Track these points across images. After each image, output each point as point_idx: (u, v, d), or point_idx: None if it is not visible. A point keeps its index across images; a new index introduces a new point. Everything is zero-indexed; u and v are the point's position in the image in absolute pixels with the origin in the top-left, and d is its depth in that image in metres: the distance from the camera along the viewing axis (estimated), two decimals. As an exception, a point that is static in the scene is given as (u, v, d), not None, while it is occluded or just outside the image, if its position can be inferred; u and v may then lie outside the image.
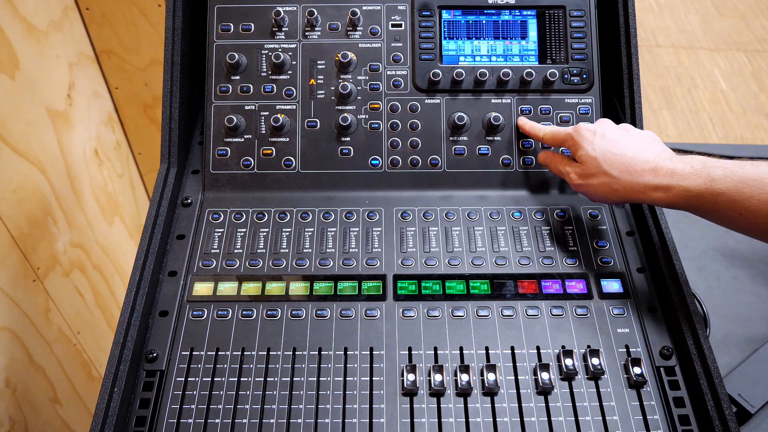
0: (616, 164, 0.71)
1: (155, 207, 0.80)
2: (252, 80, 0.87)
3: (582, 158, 0.74)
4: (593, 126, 0.76)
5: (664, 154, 0.71)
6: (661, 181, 0.68)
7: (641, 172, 0.69)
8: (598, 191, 0.73)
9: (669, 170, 0.68)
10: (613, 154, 0.72)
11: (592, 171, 0.73)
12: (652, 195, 0.69)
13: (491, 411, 0.66)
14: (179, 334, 0.72)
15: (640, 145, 0.72)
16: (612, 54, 0.90)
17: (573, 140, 0.77)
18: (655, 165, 0.69)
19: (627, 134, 0.74)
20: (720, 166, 0.65)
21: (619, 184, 0.71)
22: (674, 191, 0.67)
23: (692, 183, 0.66)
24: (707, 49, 2.89)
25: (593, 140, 0.74)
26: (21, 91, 1.05)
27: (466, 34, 0.88)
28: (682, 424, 0.66)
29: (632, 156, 0.71)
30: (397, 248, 0.80)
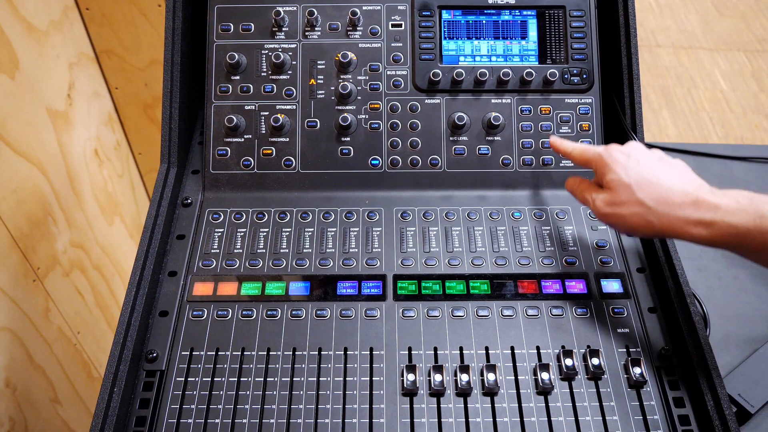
0: (652, 193, 0.64)
1: (155, 207, 0.80)
2: (252, 80, 0.87)
3: (612, 183, 0.67)
4: (626, 148, 0.70)
5: (705, 186, 0.65)
6: (704, 215, 0.61)
7: (681, 205, 0.63)
8: (628, 222, 0.66)
9: (712, 204, 0.61)
10: (649, 182, 0.65)
11: (623, 199, 0.66)
12: (691, 231, 0.62)
13: (491, 411, 0.66)
14: (179, 334, 0.72)
15: (678, 175, 0.66)
16: (612, 54, 0.90)
17: (603, 162, 0.69)
18: (696, 197, 0.62)
19: (662, 162, 0.68)
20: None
21: (655, 215, 0.64)
22: (718, 227, 0.60)
23: (739, 219, 0.60)
24: (707, 49, 2.89)
25: (627, 164, 0.67)
26: (21, 91, 1.05)
27: (466, 34, 0.88)
28: (682, 424, 0.66)
29: (670, 186, 0.64)
30: (397, 248, 0.80)
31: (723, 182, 1.15)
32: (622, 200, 0.66)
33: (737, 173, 1.17)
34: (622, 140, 0.89)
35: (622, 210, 0.66)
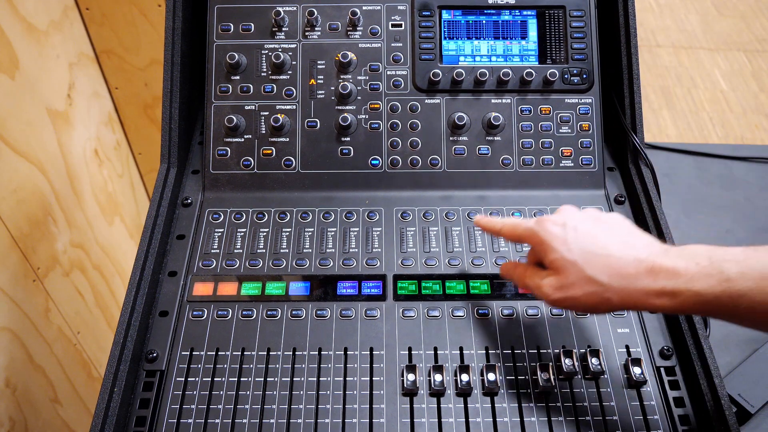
0: (603, 267, 0.57)
1: (155, 207, 0.80)
2: (252, 80, 0.87)
3: (556, 264, 0.59)
4: (560, 218, 0.62)
5: (654, 246, 0.58)
6: (664, 285, 0.55)
7: (636, 276, 0.56)
8: (585, 303, 0.58)
9: (670, 270, 0.55)
10: (595, 254, 0.58)
11: (572, 279, 0.58)
12: (654, 302, 0.55)
13: (491, 411, 0.66)
14: (179, 334, 0.72)
15: (623, 239, 0.59)
16: (612, 54, 0.90)
17: (538, 238, 0.61)
18: (651, 265, 0.56)
19: (601, 224, 0.61)
20: (732, 260, 0.53)
21: (612, 292, 0.56)
22: (682, 297, 0.54)
23: (703, 285, 0.53)
24: (707, 49, 2.89)
25: (566, 237, 0.59)
26: (21, 91, 1.05)
27: (466, 34, 0.88)
28: (682, 424, 0.66)
29: (620, 255, 0.57)
30: (397, 248, 0.80)
31: (723, 182, 1.15)
32: (572, 281, 0.58)
33: (737, 173, 1.17)
34: (623, 140, 0.89)
35: (575, 292, 0.58)
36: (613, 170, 0.89)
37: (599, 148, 0.87)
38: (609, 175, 0.89)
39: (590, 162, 0.86)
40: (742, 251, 0.54)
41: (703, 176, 1.17)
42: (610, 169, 0.89)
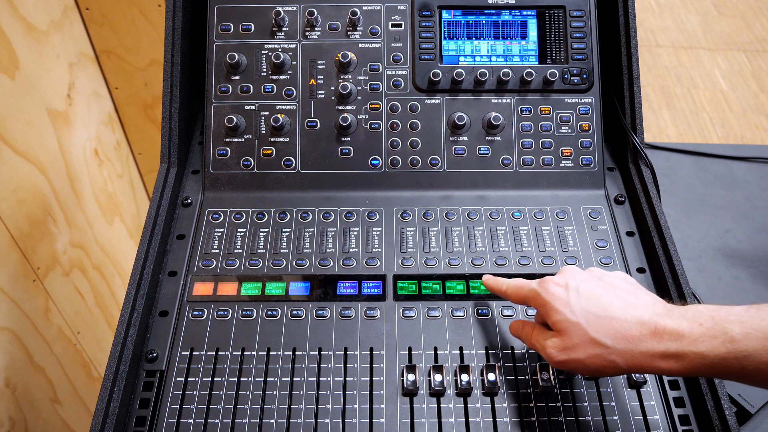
0: (607, 329, 0.56)
1: (155, 207, 0.80)
2: (252, 80, 0.87)
3: (559, 325, 0.59)
4: (562, 279, 0.61)
5: (657, 307, 0.57)
6: (669, 347, 0.54)
7: (640, 338, 0.55)
8: (589, 366, 0.57)
9: (674, 332, 0.54)
10: (599, 316, 0.57)
11: (576, 341, 0.57)
12: (660, 365, 0.55)
13: (491, 411, 0.66)
14: (179, 334, 0.72)
15: (626, 300, 0.58)
16: (612, 54, 0.90)
17: (542, 300, 0.61)
18: (654, 327, 0.55)
19: (604, 285, 0.60)
20: (735, 320, 0.53)
21: (617, 354, 0.56)
22: (688, 359, 0.53)
23: (708, 347, 0.52)
24: (707, 49, 2.89)
25: (568, 299, 0.59)
26: (21, 91, 1.05)
27: (466, 34, 0.88)
28: (682, 424, 0.66)
29: (623, 317, 0.56)
30: (397, 248, 0.80)
31: (723, 182, 1.15)
32: (575, 343, 0.57)
33: (737, 173, 1.17)
34: (623, 140, 0.89)
35: (578, 354, 0.57)
36: (613, 170, 0.89)
37: (599, 148, 0.87)
38: (609, 175, 0.89)
39: (590, 162, 0.87)
40: (745, 310, 0.53)
41: (703, 176, 1.17)
42: (610, 169, 0.89)
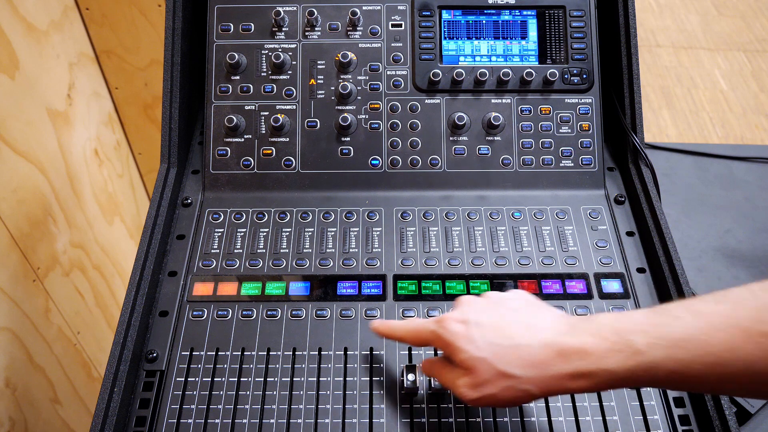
0: (514, 359, 0.54)
1: (155, 207, 0.80)
2: (252, 80, 0.87)
3: (466, 363, 0.55)
4: (460, 314, 0.58)
5: (560, 325, 0.55)
6: (577, 367, 0.52)
7: (547, 362, 0.53)
8: (504, 399, 0.55)
9: (579, 350, 0.52)
10: (503, 347, 0.54)
11: (486, 377, 0.54)
12: (571, 385, 0.53)
13: (491, 411, 0.66)
14: (179, 334, 0.72)
15: (527, 321, 0.56)
16: (612, 54, 0.90)
17: (443, 341, 0.57)
18: (559, 347, 0.53)
19: (502, 310, 0.58)
20: (638, 330, 0.51)
21: (528, 383, 0.53)
22: (597, 377, 0.52)
23: (616, 363, 0.51)
24: (707, 49, 2.89)
25: (470, 335, 0.56)
26: (21, 91, 1.05)
27: (466, 34, 0.88)
28: (682, 424, 0.66)
29: (527, 343, 0.54)
30: (397, 248, 0.80)
31: (723, 182, 1.15)
32: (485, 378, 0.55)
33: (737, 173, 1.17)
34: (623, 140, 0.89)
35: (491, 389, 0.54)
36: (613, 170, 0.89)
37: (599, 148, 0.87)
38: (609, 175, 0.89)
39: (590, 162, 0.87)
40: (646, 316, 0.52)
41: (703, 176, 1.17)
42: (610, 169, 0.89)
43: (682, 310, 0.50)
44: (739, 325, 0.47)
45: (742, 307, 0.48)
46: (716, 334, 0.47)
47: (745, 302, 0.48)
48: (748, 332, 0.46)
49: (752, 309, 0.47)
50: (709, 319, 0.48)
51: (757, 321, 0.46)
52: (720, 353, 0.47)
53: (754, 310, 0.47)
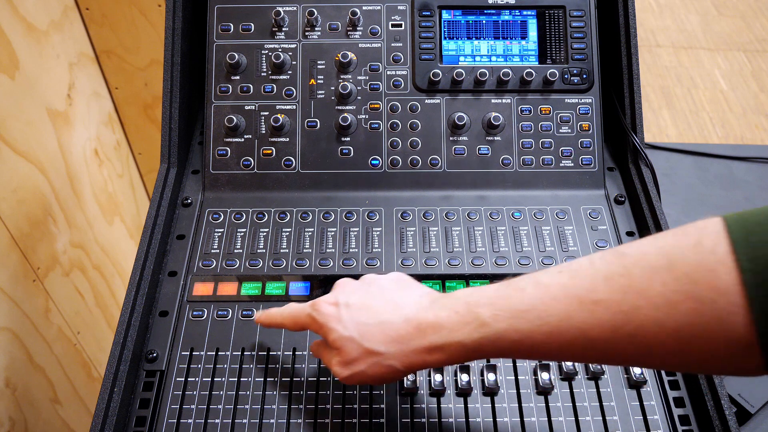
0: (379, 336, 0.55)
1: (155, 207, 0.80)
2: (252, 80, 0.87)
3: (337, 343, 0.58)
4: (332, 297, 0.60)
5: (423, 300, 0.57)
6: (432, 340, 0.54)
7: (408, 337, 0.55)
8: (373, 375, 0.56)
9: (434, 324, 0.54)
10: (369, 325, 0.56)
11: (354, 355, 0.56)
12: (428, 359, 0.54)
13: (491, 411, 0.66)
14: (179, 334, 0.72)
15: (393, 299, 0.58)
16: (612, 54, 0.90)
17: (317, 324, 0.60)
18: (418, 322, 0.55)
19: (373, 290, 0.60)
20: (486, 302, 0.52)
21: (393, 358, 0.55)
22: (450, 349, 0.53)
23: (464, 335, 0.52)
24: (707, 49, 2.89)
25: (339, 315, 0.58)
26: (21, 91, 1.05)
27: (466, 34, 0.88)
28: (682, 424, 0.66)
29: (391, 319, 0.56)
30: (397, 248, 0.80)
31: (723, 182, 1.15)
32: (354, 356, 0.56)
33: (737, 173, 1.17)
34: (623, 140, 0.89)
35: (360, 367, 0.56)
36: (613, 170, 0.89)
37: (599, 148, 0.87)
38: (609, 175, 0.89)
39: (590, 162, 0.87)
40: (495, 290, 0.53)
41: (703, 176, 1.17)
42: (610, 169, 0.89)
43: (527, 282, 0.52)
44: (575, 295, 0.48)
45: (579, 277, 0.49)
46: (554, 303, 0.49)
47: (582, 272, 0.49)
48: (581, 301, 0.48)
49: (588, 278, 0.48)
50: (548, 290, 0.50)
51: (591, 290, 0.48)
52: (557, 322, 0.48)
53: (590, 279, 0.48)
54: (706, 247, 0.43)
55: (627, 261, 0.47)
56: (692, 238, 0.44)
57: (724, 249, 0.43)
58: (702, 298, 0.43)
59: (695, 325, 0.43)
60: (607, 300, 0.47)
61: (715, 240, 0.43)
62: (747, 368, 0.44)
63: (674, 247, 0.45)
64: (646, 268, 0.45)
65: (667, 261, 0.45)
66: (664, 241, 0.46)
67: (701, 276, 0.43)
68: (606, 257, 0.49)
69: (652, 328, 0.45)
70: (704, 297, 0.43)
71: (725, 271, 0.42)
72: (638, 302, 0.45)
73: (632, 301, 0.46)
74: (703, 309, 0.43)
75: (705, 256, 0.43)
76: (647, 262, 0.46)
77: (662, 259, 0.45)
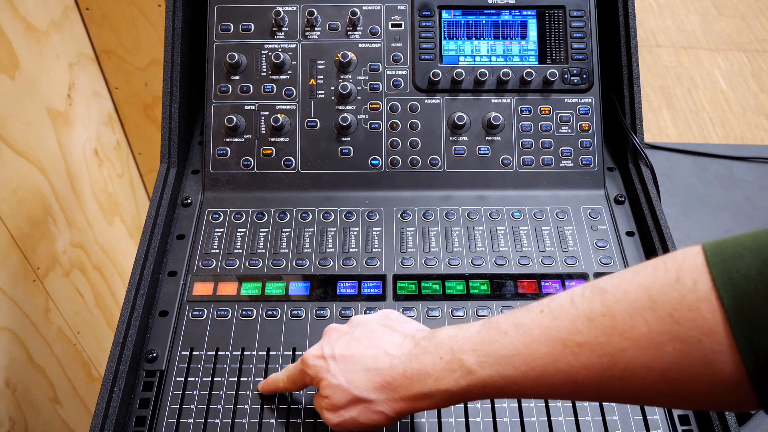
0: (366, 384, 0.55)
1: (155, 207, 0.80)
2: (252, 80, 0.87)
3: (326, 391, 0.58)
4: (318, 348, 0.60)
5: (406, 344, 0.56)
6: (418, 389, 0.53)
7: (394, 384, 0.54)
8: (364, 422, 0.57)
9: (418, 372, 0.53)
10: (356, 372, 0.56)
11: (342, 401, 0.57)
12: (418, 406, 0.54)
13: (491, 411, 0.66)
14: (179, 334, 0.72)
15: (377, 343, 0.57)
16: (612, 54, 0.90)
17: (308, 375, 0.60)
18: (403, 369, 0.54)
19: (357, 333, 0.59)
20: (469, 348, 0.51)
21: (383, 405, 0.55)
22: (437, 397, 0.53)
23: (450, 383, 0.51)
24: (707, 49, 2.89)
25: (327, 366, 0.58)
26: (21, 91, 1.05)
27: (466, 34, 0.88)
28: (682, 424, 0.66)
29: (376, 366, 0.55)
30: (397, 248, 0.80)
31: (723, 182, 1.15)
32: (343, 403, 0.56)
33: (737, 173, 1.17)
34: (623, 140, 0.89)
35: (350, 412, 0.57)
36: (613, 170, 0.89)
37: (599, 148, 0.87)
38: (609, 175, 0.89)
39: (590, 162, 0.87)
40: (478, 332, 0.52)
41: (703, 176, 1.17)
42: (610, 169, 0.89)
43: (509, 324, 0.50)
44: (558, 338, 0.47)
45: (560, 318, 0.47)
46: (538, 347, 0.48)
47: (563, 312, 0.48)
48: (565, 344, 0.46)
49: (569, 319, 0.47)
50: (531, 333, 0.48)
51: (574, 332, 0.46)
52: (542, 367, 0.47)
53: (571, 320, 0.47)
54: (686, 284, 0.42)
55: (608, 299, 0.45)
56: (672, 273, 0.43)
57: (706, 286, 0.41)
58: (687, 338, 0.42)
59: (683, 366, 0.42)
60: (592, 342, 0.45)
61: (695, 276, 0.42)
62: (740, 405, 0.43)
63: (654, 284, 0.43)
64: (628, 308, 0.44)
65: (648, 299, 0.43)
66: (644, 276, 0.44)
67: (684, 316, 0.42)
68: (586, 294, 0.47)
69: (640, 370, 0.44)
70: (690, 337, 0.42)
71: (708, 309, 0.41)
72: (623, 344, 0.44)
73: (617, 343, 0.44)
74: (689, 350, 0.42)
75: (686, 294, 0.42)
76: (629, 302, 0.44)
77: (643, 297, 0.43)
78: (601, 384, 0.46)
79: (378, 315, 0.62)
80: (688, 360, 0.42)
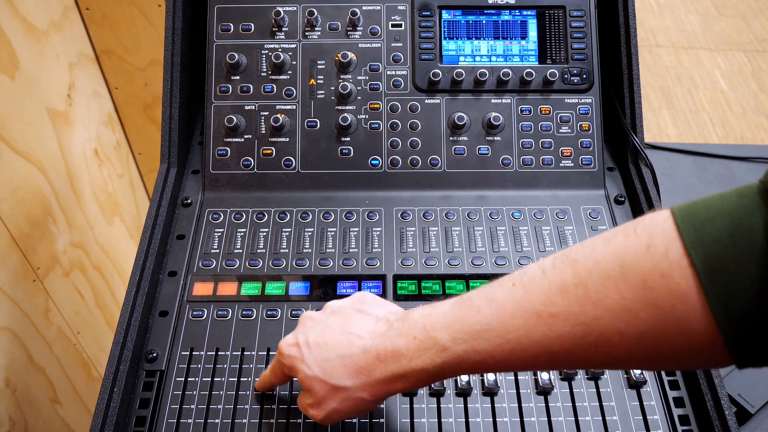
0: (341, 372, 0.55)
1: (155, 207, 0.80)
2: (252, 80, 0.87)
3: (304, 384, 0.57)
4: (293, 336, 0.59)
5: (379, 326, 0.55)
6: (392, 369, 0.53)
7: (368, 368, 0.54)
8: (346, 411, 0.56)
9: (393, 352, 0.53)
10: (330, 360, 0.55)
11: (322, 393, 0.56)
12: (393, 387, 0.54)
13: (491, 411, 0.66)
14: (179, 334, 0.72)
15: (350, 329, 0.56)
16: (612, 54, 0.90)
17: (285, 367, 0.59)
18: (376, 352, 0.53)
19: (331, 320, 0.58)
20: (442, 326, 0.51)
21: (360, 391, 0.54)
22: (413, 376, 0.52)
23: (425, 361, 0.51)
24: (707, 49, 2.89)
25: (303, 356, 0.57)
26: (21, 91, 1.05)
27: (466, 34, 0.88)
28: (682, 424, 0.66)
29: (350, 352, 0.55)
30: (397, 248, 0.80)
31: (723, 182, 1.15)
32: (322, 395, 0.56)
33: (737, 173, 1.17)
34: (623, 140, 0.89)
35: (331, 404, 0.56)
36: (613, 170, 0.89)
37: (599, 148, 0.87)
38: (609, 175, 0.89)
39: (590, 162, 0.87)
40: (450, 310, 0.52)
41: (703, 176, 1.17)
42: (610, 169, 0.89)
43: (481, 299, 0.50)
44: (532, 309, 0.47)
45: (532, 291, 0.47)
46: (511, 321, 0.48)
47: (536, 284, 0.47)
48: (539, 315, 0.46)
49: (542, 291, 0.47)
50: (504, 307, 0.48)
51: (547, 303, 0.46)
52: (517, 339, 0.47)
53: (544, 292, 0.47)
54: (658, 251, 0.42)
55: (579, 270, 0.45)
56: (643, 240, 0.43)
57: (677, 251, 0.41)
58: (661, 304, 0.42)
59: (657, 331, 0.43)
60: (565, 312, 0.45)
61: (666, 241, 0.42)
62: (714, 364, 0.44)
63: (626, 252, 0.43)
64: (600, 277, 0.44)
65: (620, 267, 0.43)
66: (615, 244, 0.44)
67: (657, 282, 0.42)
68: (557, 265, 0.47)
69: (615, 337, 0.44)
70: (663, 303, 0.42)
71: (681, 275, 0.41)
72: (596, 312, 0.44)
73: (590, 312, 0.44)
74: (663, 315, 0.42)
75: (659, 261, 0.42)
76: (600, 271, 0.44)
77: (615, 265, 0.43)
78: (577, 352, 0.46)
79: (352, 299, 0.61)
80: (662, 325, 0.42)
